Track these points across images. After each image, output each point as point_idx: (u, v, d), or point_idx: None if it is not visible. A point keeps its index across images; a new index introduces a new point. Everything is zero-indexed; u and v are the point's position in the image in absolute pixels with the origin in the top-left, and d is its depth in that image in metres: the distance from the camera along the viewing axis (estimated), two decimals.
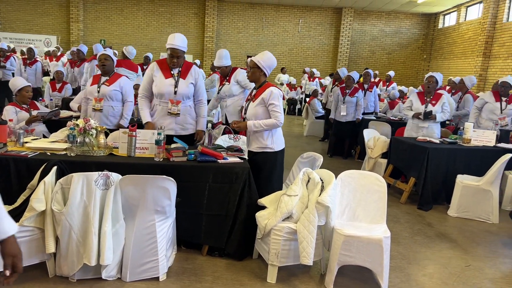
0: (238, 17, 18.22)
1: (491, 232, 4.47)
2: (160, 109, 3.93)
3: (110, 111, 4.47)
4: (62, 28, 18.19)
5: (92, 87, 4.46)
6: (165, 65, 3.91)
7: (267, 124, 3.44)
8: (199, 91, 4.02)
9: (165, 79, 3.86)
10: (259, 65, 3.45)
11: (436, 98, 5.65)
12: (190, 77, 3.93)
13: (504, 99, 5.90)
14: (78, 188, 2.67)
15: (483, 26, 13.19)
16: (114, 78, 4.51)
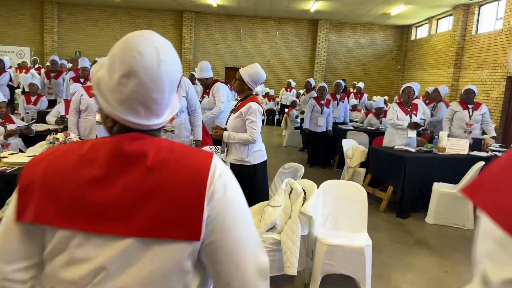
0: (215, 28, 18.32)
1: (467, 238, 4.60)
2: None
3: None
4: (36, 40, 17.88)
5: (93, 99, 4.40)
6: None
7: (241, 138, 3.44)
8: (191, 102, 4.04)
9: None
10: (243, 79, 3.47)
11: (415, 108, 5.83)
12: (181, 91, 3.92)
13: (470, 107, 6.13)
14: None
15: (454, 38, 13.66)
16: None
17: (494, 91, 11.46)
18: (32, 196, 0.89)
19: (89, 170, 0.88)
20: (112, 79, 0.91)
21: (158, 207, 0.86)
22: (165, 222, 0.86)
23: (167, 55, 0.91)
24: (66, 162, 0.91)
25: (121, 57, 0.91)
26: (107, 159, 0.89)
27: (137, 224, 0.85)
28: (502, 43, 11.29)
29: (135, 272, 0.86)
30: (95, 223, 0.86)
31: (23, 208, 0.89)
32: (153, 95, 0.90)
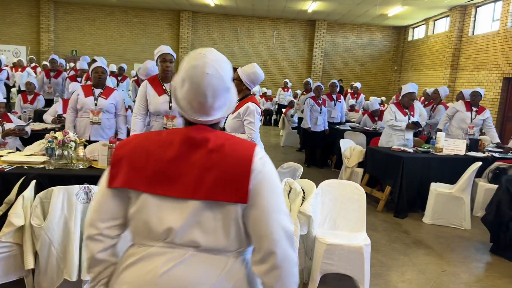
0: (213, 28, 18.31)
1: (464, 238, 4.62)
2: (156, 125, 3.90)
3: (107, 124, 4.45)
4: (32, 38, 17.80)
5: (87, 98, 4.38)
6: (157, 82, 3.88)
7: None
8: None
9: (158, 97, 3.83)
10: (241, 79, 3.48)
11: (412, 109, 5.85)
12: None
13: (474, 109, 6.13)
14: (59, 202, 2.62)
15: (450, 39, 13.72)
16: (109, 91, 4.49)
17: (491, 92, 11.52)
18: (121, 168, 1.21)
19: (167, 150, 1.20)
20: (178, 82, 1.24)
21: (217, 178, 1.16)
22: (222, 189, 1.16)
23: (213, 70, 1.20)
24: (149, 144, 1.22)
25: (183, 66, 1.23)
26: (180, 143, 1.20)
27: (201, 191, 1.16)
28: (499, 44, 11.35)
29: (201, 227, 1.16)
30: (171, 189, 1.17)
31: (114, 177, 1.22)
32: (197, 99, 1.20)
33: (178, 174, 1.18)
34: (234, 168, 1.17)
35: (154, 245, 1.20)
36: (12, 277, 2.73)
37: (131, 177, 1.19)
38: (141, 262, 1.20)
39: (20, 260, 2.70)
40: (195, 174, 1.17)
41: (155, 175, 1.18)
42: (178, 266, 1.17)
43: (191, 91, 1.20)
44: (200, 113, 1.23)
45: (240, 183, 1.16)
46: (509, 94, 11.06)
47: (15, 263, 2.71)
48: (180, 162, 1.19)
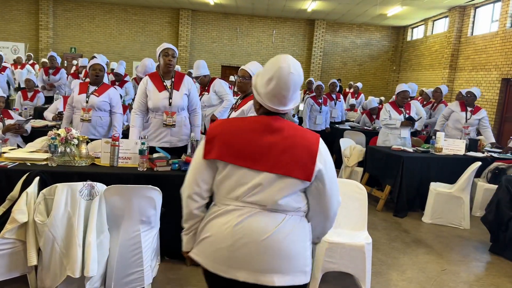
0: (212, 26, 18.29)
1: (464, 237, 4.65)
2: (155, 121, 3.89)
3: (99, 122, 4.43)
4: (31, 35, 17.73)
5: (80, 96, 4.38)
6: (158, 78, 3.87)
7: None
8: (192, 101, 3.99)
9: (159, 93, 3.81)
10: (252, 75, 3.46)
11: (408, 108, 5.89)
12: (183, 88, 3.89)
13: (469, 109, 6.15)
14: (62, 198, 2.63)
15: (449, 39, 13.75)
16: (103, 88, 4.47)
17: (489, 92, 11.56)
18: (214, 144, 1.58)
19: (251, 133, 1.57)
20: (263, 81, 1.58)
21: (289, 159, 1.53)
22: (292, 168, 1.53)
23: (295, 70, 1.57)
24: (235, 127, 1.60)
25: (270, 68, 1.57)
26: (261, 129, 1.58)
27: (276, 166, 1.53)
28: (497, 45, 11.39)
29: (270, 192, 1.54)
30: (252, 163, 1.55)
31: (208, 151, 1.59)
32: (282, 92, 1.56)
33: (259, 152, 1.54)
34: (303, 153, 1.55)
35: (230, 204, 1.59)
36: (15, 273, 2.74)
37: (222, 152, 1.56)
38: (221, 216, 1.59)
39: (23, 257, 2.71)
40: (272, 154, 1.54)
41: (240, 151, 1.55)
42: (248, 219, 1.55)
43: (278, 86, 1.55)
44: (281, 104, 1.59)
45: (308, 166, 1.54)
46: (507, 94, 11.10)
47: (18, 260, 2.72)
48: (261, 143, 1.55)
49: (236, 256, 1.55)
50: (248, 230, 1.54)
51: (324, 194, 1.60)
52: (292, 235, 1.57)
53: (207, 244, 1.62)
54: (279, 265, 1.54)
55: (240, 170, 1.56)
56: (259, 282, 1.54)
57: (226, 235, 1.56)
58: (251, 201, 1.55)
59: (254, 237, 1.54)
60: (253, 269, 1.55)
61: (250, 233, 1.54)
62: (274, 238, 1.54)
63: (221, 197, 1.61)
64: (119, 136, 4.35)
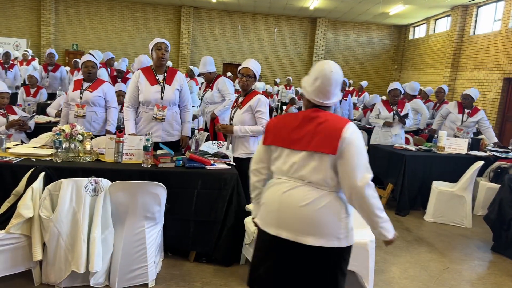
0: (214, 24, 18.28)
1: (466, 236, 4.66)
2: (146, 116, 3.90)
3: (93, 117, 4.43)
4: (33, 32, 17.74)
5: (74, 92, 4.40)
6: (150, 72, 3.89)
7: (253, 130, 3.51)
8: (184, 97, 4.01)
9: (151, 86, 3.83)
10: (256, 75, 3.57)
11: (400, 106, 5.94)
12: (175, 83, 3.92)
13: (466, 111, 6.13)
14: (68, 194, 2.64)
15: (451, 38, 13.74)
16: (97, 84, 4.47)
17: (491, 92, 11.56)
18: (269, 133, 2.07)
19: (293, 123, 2.00)
20: (310, 80, 2.01)
21: (320, 139, 1.91)
22: (320, 145, 1.90)
23: (335, 69, 1.97)
24: (285, 119, 2.06)
25: (315, 70, 1.99)
26: (301, 119, 1.99)
27: (310, 146, 1.92)
28: (500, 44, 11.38)
29: (308, 167, 1.92)
30: (292, 145, 1.96)
31: (266, 138, 2.07)
32: (327, 88, 1.97)
33: (298, 137, 1.96)
34: (331, 133, 1.90)
35: (281, 178, 2.02)
36: (20, 268, 2.75)
37: (274, 139, 2.04)
38: (273, 187, 2.04)
39: (28, 252, 2.72)
40: (307, 136, 1.94)
41: (285, 137, 2.00)
42: (292, 189, 1.96)
43: (323, 83, 1.96)
44: (325, 98, 1.99)
45: (333, 142, 1.88)
46: (509, 94, 11.09)
47: (23, 255, 2.73)
48: (300, 130, 1.97)
49: (282, 218, 1.96)
50: (291, 197, 1.95)
51: (347, 165, 1.87)
52: (325, 208, 1.91)
53: (263, 208, 2.09)
54: (313, 230, 1.91)
55: (285, 151, 2.00)
56: (297, 240, 1.92)
57: (275, 200, 2.00)
58: (295, 176, 1.96)
59: (294, 204, 1.93)
60: (293, 230, 1.93)
61: (292, 200, 1.94)
62: (309, 207, 1.91)
63: (275, 173, 2.08)
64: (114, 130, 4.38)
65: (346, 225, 1.96)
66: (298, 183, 1.94)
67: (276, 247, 1.99)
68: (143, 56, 5.58)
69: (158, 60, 3.81)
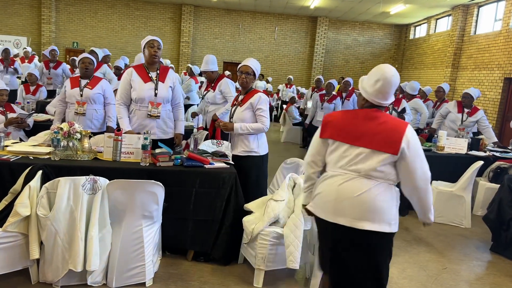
0: (214, 23, 18.26)
1: (465, 236, 4.65)
2: (139, 113, 3.84)
3: (94, 115, 4.42)
4: (33, 29, 17.73)
5: (73, 90, 4.38)
6: (143, 70, 3.85)
7: (254, 128, 3.49)
8: (176, 95, 4.00)
9: (144, 84, 3.79)
10: (256, 73, 3.57)
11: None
12: (168, 81, 3.89)
13: (466, 111, 6.11)
14: (65, 192, 2.63)
15: (452, 38, 13.72)
16: (95, 81, 4.46)
17: (491, 92, 11.54)
18: (327, 127, 2.24)
19: (354, 120, 2.19)
20: (370, 82, 2.19)
21: (382, 139, 2.10)
22: (385, 145, 2.09)
23: (395, 73, 2.16)
24: (343, 116, 2.24)
25: (376, 73, 2.18)
26: (362, 117, 2.19)
27: (372, 144, 2.11)
28: (500, 44, 11.36)
29: (366, 163, 2.12)
30: (353, 141, 2.15)
31: (323, 132, 2.25)
32: (386, 90, 2.16)
33: (359, 134, 2.15)
34: (393, 135, 2.10)
35: (336, 171, 2.21)
36: (18, 266, 2.75)
37: (332, 133, 2.22)
38: (329, 179, 2.24)
39: (25, 250, 2.72)
40: (369, 135, 2.14)
41: (345, 132, 2.19)
42: (348, 181, 2.16)
43: (383, 86, 2.15)
44: (384, 99, 2.19)
45: (396, 143, 2.08)
46: (509, 94, 11.08)
47: (20, 253, 2.72)
48: (361, 127, 2.16)
49: (339, 206, 2.17)
50: (348, 188, 2.15)
51: (408, 167, 2.11)
52: (379, 196, 2.13)
53: (318, 198, 2.28)
54: (369, 216, 2.11)
55: (344, 146, 2.19)
56: (354, 226, 2.13)
57: (332, 191, 2.20)
58: (351, 169, 2.16)
59: (350, 194, 2.13)
60: (350, 217, 2.14)
61: (348, 191, 2.14)
62: (365, 195, 2.11)
63: (330, 166, 2.26)
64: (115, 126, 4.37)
65: (396, 213, 2.22)
66: (353, 175, 2.14)
67: (333, 233, 2.22)
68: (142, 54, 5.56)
69: (150, 58, 3.79)
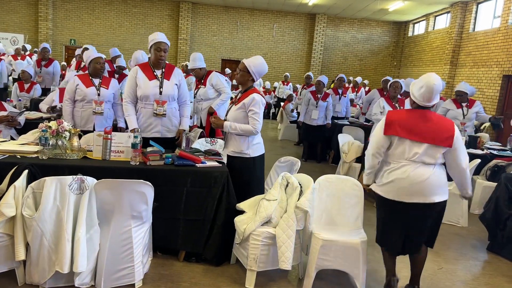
0: (212, 20, 18.17)
1: (461, 235, 4.60)
2: (145, 111, 3.88)
3: (108, 114, 4.46)
4: (30, 27, 17.63)
5: (90, 89, 4.32)
6: (148, 68, 3.87)
7: (243, 129, 3.37)
8: (182, 93, 4.02)
9: (149, 81, 3.81)
10: (249, 70, 3.39)
11: (402, 103, 5.86)
12: (174, 78, 3.91)
13: (464, 105, 6.10)
14: (51, 192, 2.57)
15: (451, 35, 13.65)
16: (107, 80, 4.47)
17: (490, 89, 11.48)
18: (392, 125, 2.83)
19: (414, 120, 2.83)
20: (417, 87, 2.85)
21: (439, 135, 2.78)
22: (442, 140, 2.78)
23: (438, 82, 2.78)
24: (405, 115, 2.88)
25: (422, 80, 2.82)
26: (419, 117, 2.84)
27: (432, 140, 2.77)
28: (499, 41, 11.29)
29: (429, 154, 2.80)
30: (416, 137, 2.78)
31: (387, 130, 2.84)
32: (430, 95, 2.80)
33: (420, 131, 2.76)
34: (447, 131, 2.77)
35: (403, 162, 2.82)
36: (3, 268, 2.69)
37: (397, 130, 2.79)
38: (399, 169, 2.82)
39: (11, 251, 2.66)
40: (430, 132, 2.76)
41: (409, 130, 2.77)
42: (416, 169, 2.78)
43: (427, 91, 2.76)
44: (429, 101, 2.81)
45: (450, 138, 2.76)
46: (508, 91, 11.02)
47: (6, 254, 2.67)
48: (421, 125, 2.78)
49: (412, 189, 2.79)
50: (417, 175, 2.78)
51: (457, 155, 2.82)
52: (440, 176, 2.85)
53: (392, 185, 2.85)
54: (436, 191, 2.82)
55: (407, 141, 2.79)
56: (427, 201, 2.81)
57: (405, 178, 2.79)
58: (417, 160, 2.78)
59: (421, 178, 2.77)
60: (422, 195, 2.80)
61: (418, 176, 2.77)
62: (432, 178, 2.79)
63: (395, 158, 2.86)
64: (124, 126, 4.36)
65: (447, 186, 2.94)
66: (418, 164, 2.78)
67: (408, 210, 2.85)
68: (138, 52, 5.51)
69: (156, 60, 3.84)
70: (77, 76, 4.53)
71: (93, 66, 4.40)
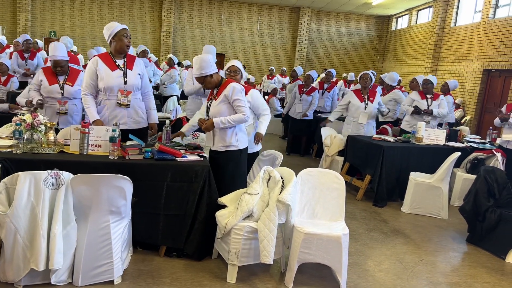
0: (196, 12, 17.96)
1: (441, 227, 4.66)
2: (109, 103, 3.71)
3: (75, 110, 4.32)
4: (8, 18, 17.14)
5: (52, 86, 4.18)
6: (109, 58, 3.70)
7: (235, 119, 3.34)
8: (145, 83, 3.90)
9: (111, 72, 3.66)
10: (205, 71, 3.36)
11: (372, 95, 5.95)
12: (136, 68, 3.78)
13: (429, 97, 6.14)
14: (25, 188, 2.49)
15: (433, 29, 13.77)
16: (74, 75, 4.30)
17: (470, 83, 11.64)
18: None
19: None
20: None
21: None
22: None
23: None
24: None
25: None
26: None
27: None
28: (480, 36, 11.44)
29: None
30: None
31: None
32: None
33: None
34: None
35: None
36: None
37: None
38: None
39: None
40: None
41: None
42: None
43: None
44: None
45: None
46: (488, 85, 11.19)
47: None
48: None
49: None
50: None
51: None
52: None
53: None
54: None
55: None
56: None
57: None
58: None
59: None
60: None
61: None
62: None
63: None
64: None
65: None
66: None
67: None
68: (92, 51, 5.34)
69: (123, 48, 3.67)
70: (42, 70, 4.36)
71: (52, 67, 4.23)
